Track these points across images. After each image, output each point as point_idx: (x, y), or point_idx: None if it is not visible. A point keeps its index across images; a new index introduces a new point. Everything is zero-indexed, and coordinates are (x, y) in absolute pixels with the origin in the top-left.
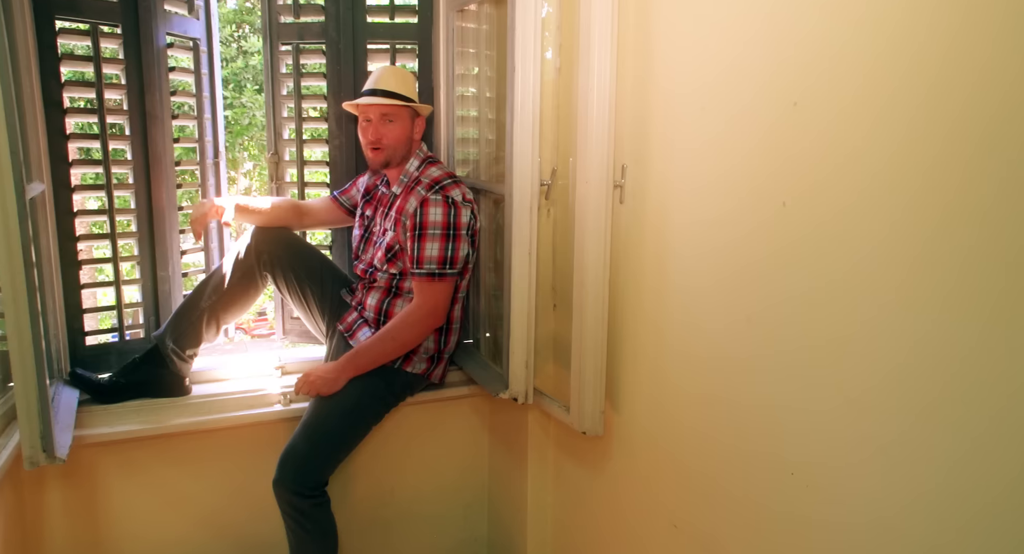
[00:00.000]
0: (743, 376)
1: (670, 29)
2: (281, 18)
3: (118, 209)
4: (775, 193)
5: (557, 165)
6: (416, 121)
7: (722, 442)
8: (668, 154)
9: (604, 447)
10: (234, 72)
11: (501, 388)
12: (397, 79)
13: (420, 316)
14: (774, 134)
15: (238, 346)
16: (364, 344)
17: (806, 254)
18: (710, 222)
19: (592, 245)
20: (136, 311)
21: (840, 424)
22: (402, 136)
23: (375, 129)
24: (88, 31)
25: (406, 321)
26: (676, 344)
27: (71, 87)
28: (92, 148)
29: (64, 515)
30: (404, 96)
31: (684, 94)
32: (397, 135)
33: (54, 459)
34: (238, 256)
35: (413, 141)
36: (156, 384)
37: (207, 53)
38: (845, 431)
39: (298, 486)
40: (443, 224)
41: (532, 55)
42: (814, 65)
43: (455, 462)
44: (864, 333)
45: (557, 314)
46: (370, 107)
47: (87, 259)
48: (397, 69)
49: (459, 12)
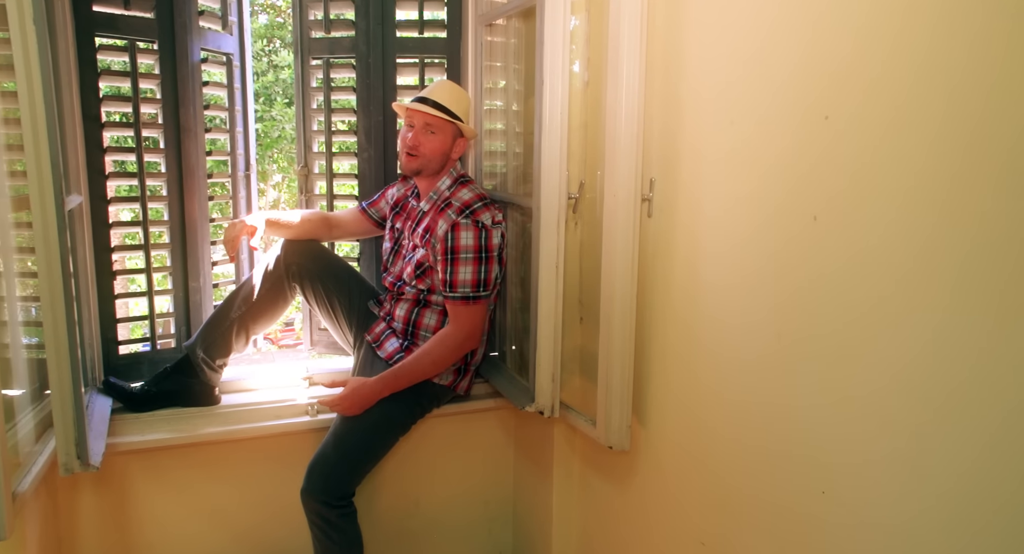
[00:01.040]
0: (771, 395)
1: (699, 42)
2: (312, 33)
3: (151, 221)
4: (806, 207)
5: (585, 178)
6: (458, 141)
7: (750, 460)
8: (697, 168)
9: (630, 462)
10: (264, 86)
11: (527, 401)
12: (450, 95)
13: (459, 340)
14: (805, 148)
15: (265, 356)
16: (401, 365)
17: (838, 268)
18: (739, 236)
19: (620, 259)
20: (168, 321)
21: (875, 444)
22: (439, 149)
23: (416, 135)
24: (126, 47)
25: (444, 344)
26: (704, 359)
27: (108, 101)
28: (127, 161)
29: (96, 520)
30: (452, 112)
31: (713, 108)
32: (434, 147)
33: (88, 466)
34: (267, 268)
35: (449, 159)
36: (186, 393)
37: (240, 68)
38: (880, 451)
39: (326, 496)
40: (475, 248)
41: (560, 69)
42: (846, 79)
43: (480, 475)
44: (901, 350)
45: (584, 327)
46: (416, 113)
47: (121, 270)
48: (455, 86)
49: (487, 26)
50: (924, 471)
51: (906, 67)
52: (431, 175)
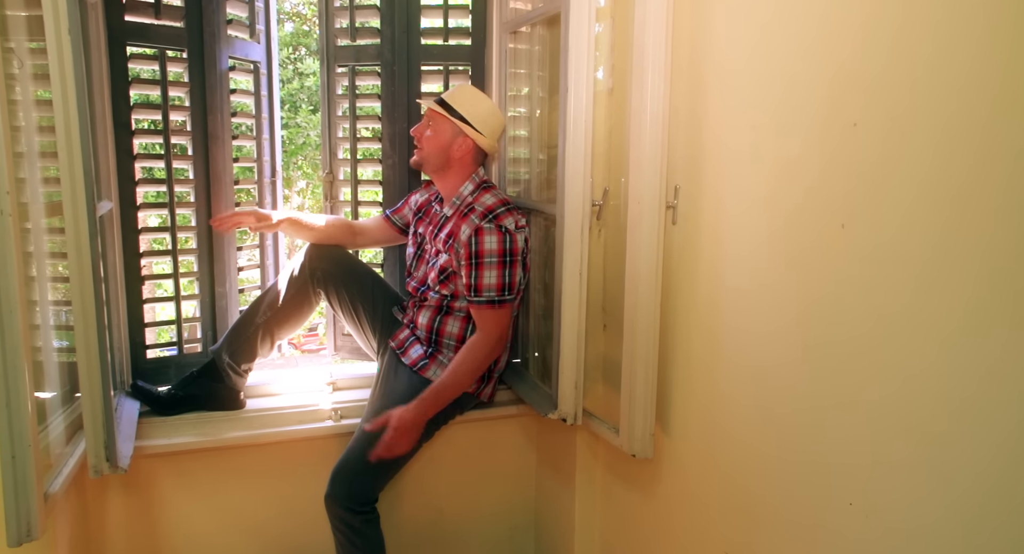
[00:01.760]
0: (796, 402)
1: (725, 49)
2: (338, 41)
3: (179, 226)
4: (834, 214)
5: (609, 185)
6: (458, 139)
7: (776, 470)
8: (722, 175)
9: (654, 470)
10: (290, 93)
11: (550, 408)
12: (461, 95)
13: (489, 346)
14: (833, 155)
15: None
16: (438, 383)
17: (866, 277)
18: (764, 243)
19: (644, 266)
20: (194, 326)
21: (903, 453)
22: (436, 146)
23: (418, 128)
24: (156, 56)
25: (474, 354)
26: (728, 367)
27: (139, 109)
28: (155, 167)
29: (124, 522)
30: (454, 110)
31: (739, 115)
32: (432, 143)
33: (117, 469)
34: (292, 273)
35: (449, 156)
36: (212, 397)
37: (267, 75)
38: (908, 461)
39: (349, 502)
40: (499, 252)
41: (585, 75)
42: (875, 85)
43: (503, 481)
44: (924, 356)
45: (607, 335)
46: (428, 109)
47: (149, 275)
48: (472, 91)
49: (512, 34)
50: (948, 477)
51: (937, 73)
52: (434, 171)
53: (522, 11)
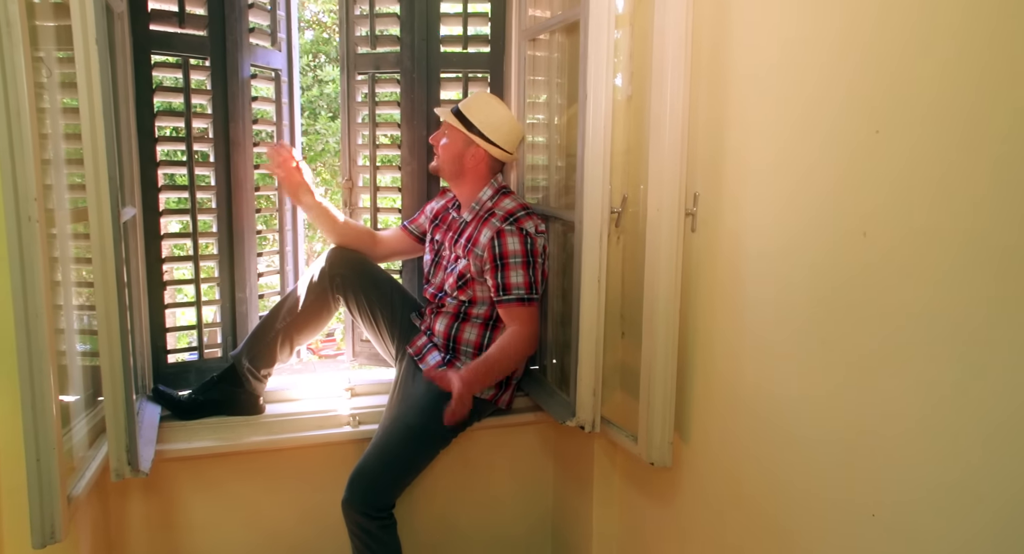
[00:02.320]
0: (820, 411)
1: (745, 56)
2: (358, 49)
3: (200, 232)
4: (856, 223)
5: (628, 192)
6: (470, 149)
7: (798, 479)
8: (742, 183)
9: (672, 479)
10: (309, 100)
11: (568, 416)
12: (475, 104)
13: (527, 337)
14: (855, 163)
15: (306, 366)
16: (486, 362)
17: (888, 286)
18: (786, 252)
19: (664, 273)
20: (214, 331)
21: (925, 464)
22: (449, 154)
23: (435, 136)
24: (179, 64)
25: (517, 341)
26: (749, 376)
27: (162, 116)
28: (176, 174)
29: (144, 525)
30: (467, 120)
31: (760, 122)
32: (446, 152)
33: (138, 472)
34: (312, 279)
35: (462, 164)
36: (232, 402)
37: (287, 83)
38: (930, 472)
39: (366, 507)
40: (522, 252)
41: (604, 83)
42: (897, 93)
43: (520, 489)
44: (950, 366)
45: (625, 342)
46: (444, 116)
47: (171, 280)
48: (488, 99)
49: (531, 41)
50: (975, 490)
51: (960, 80)
52: (450, 178)
53: (541, 19)
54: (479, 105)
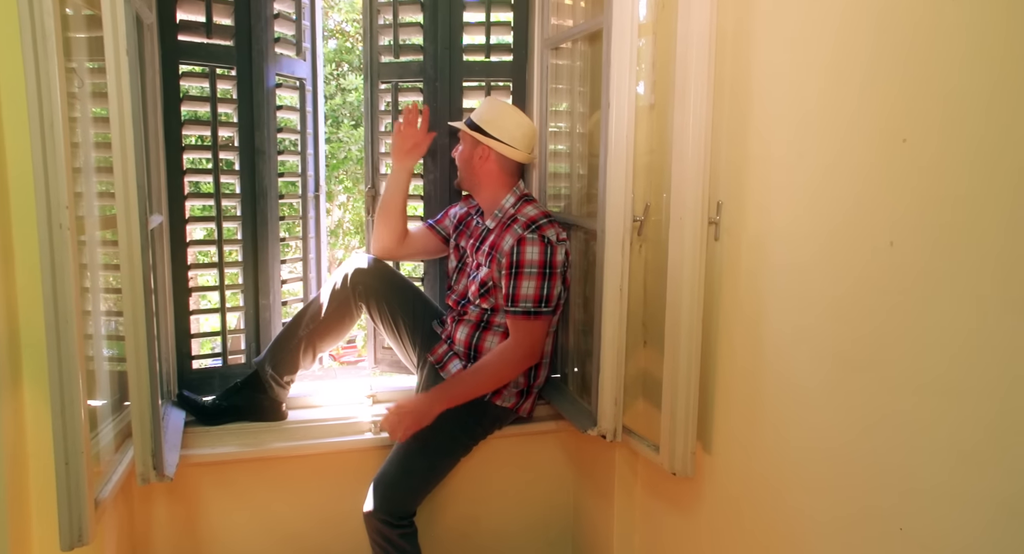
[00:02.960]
0: (845, 423)
1: (769, 63)
2: (382, 58)
3: (225, 240)
4: (882, 232)
5: (650, 201)
6: (477, 150)
7: (823, 492)
8: (766, 191)
9: (695, 489)
10: (332, 108)
11: (589, 424)
12: (481, 108)
13: (519, 355)
14: (881, 172)
15: (328, 372)
16: (458, 377)
17: (915, 296)
18: (810, 261)
19: (687, 282)
20: (238, 337)
21: (953, 478)
22: (461, 161)
23: (454, 150)
24: (206, 73)
25: (503, 358)
26: (772, 387)
27: (188, 125)
28: (201, 182)
29: (168, 529)
30: (473, 123)
31: (784, 129)
32: (461, 158)
33: (163, 477)
34: (334, 286)
35: (474, 168)
36: (255, 408)
37: (312, 92)
38: (959, 486)
39: (387, 515)
40: (539, 263)
41: (626, 91)
42: (924, 101)
43: (540, 497)
44: (980, 383)
45: (647, 351)
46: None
47: (196, 287)
48: (490, 102)
49: (553, 50)
50: (1010, 506)
51: (988, 88)
52: (475, 189)
53: (564, 27)
54: (483, 108)
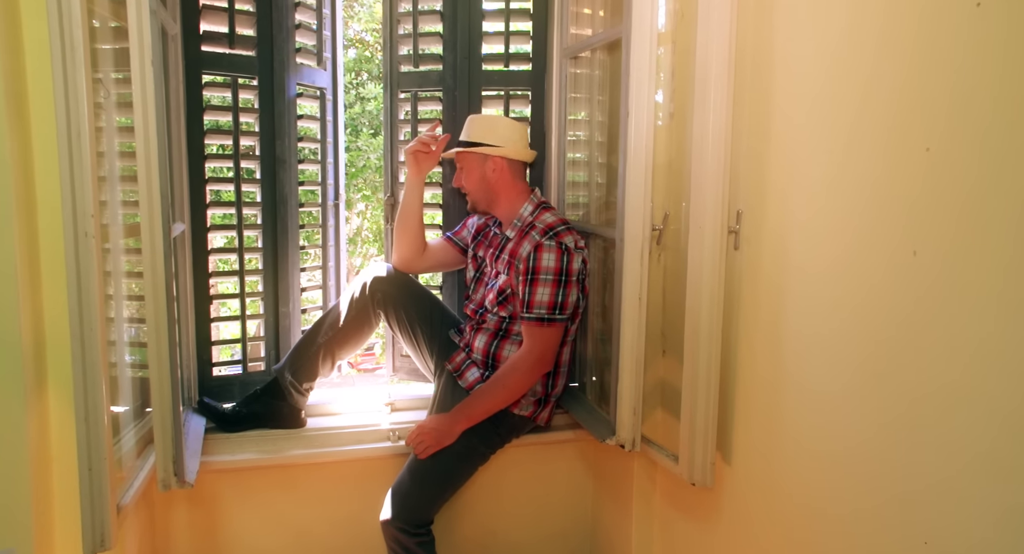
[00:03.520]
0: (867, 435)
1: (790, 71)
2: (401, 68)
3: (246, 248)
4: (905, 242)
5: (669, 210)
6: (487, 163)
7: (844, 504)
8: (786, 200)
9: (714, 500)
10: (351, 117)
11: (608, 434)
12: (476, 126)
13: (531, 362)
14: (904, 180)
15: (345, 380)
16: (476, 394)
17: (940, 306)
18: (832, 271)
19: (706, 292)
20: (258, 344)
21: (979, 491)
22: (474, 181)
23: (456, 179)
24: (228, 83)
25: (516, 367)
26: (793, 397)
27: (210, 135)
28: (222, 190)
29: (188, 535)
30: (468, 142)
31: (805, 138)
32: (471, 180)
33: (184, 484)
34: (353, 295)
35: (489, 182)
36: (275, 415)
37: (332, 101)
38: (984, 499)
39: (404, 523)
40: (555, 270)
41: (646, 100)
42: (948, 109)
43: (558, 507)
44: (1009, 391)
45: (666, 360)
46: (454, 157)
47: (217, 294)
48: (475, 117)
49: (572, 59)
50: None
51: (1013, 96)
52: (493, 205)
53: (583, 37)
54: (470, 127)
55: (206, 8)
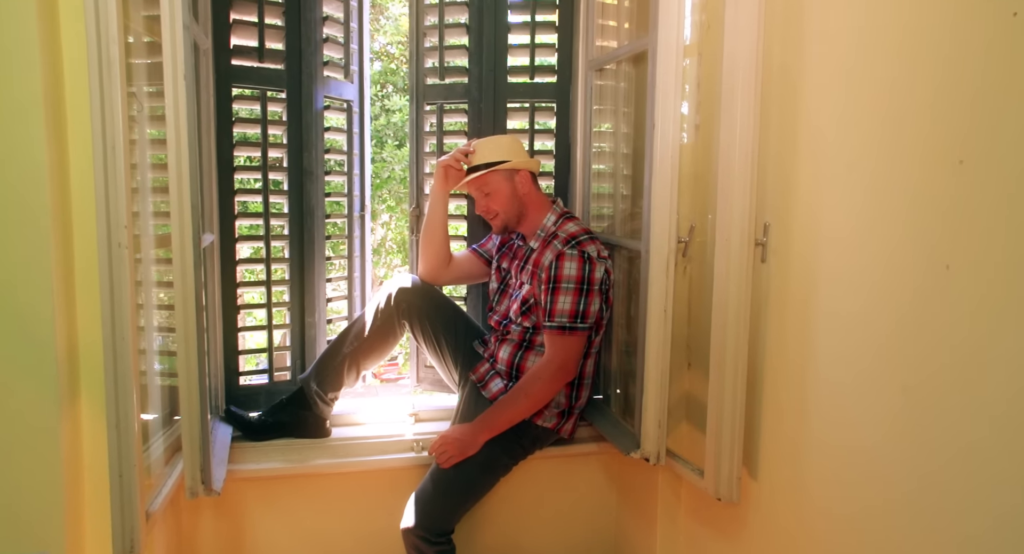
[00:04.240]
0: (897, 452)
1: (818, 81)
2: (427, 80)
3: (273, 258)
4: (937, 256)
5: (695, 222)
6: (516, 178)
7: (873, 522)
8: (815, 212)
9: (740, 516)
10: (376, 129)
11: (632, 447)
12: (484, 149)
13: (552, 371)
14: (936, 193)
15: (369, 390)
16: (498, 404)
17: (974, 321)
18: (862, 285)
19: (733, 305)
20: (284, 354)
21: (1013, 508)
22: (505, 200)
23: (479, 204)
24: (257, 96)
25: (538, 376)
26: (821, 411)
27: (239, 147)
28: (250, 201)
29: (214, 543)
30: (488, 163)
31: (834, 150)
32: (501, 201)
33: (211, 492)
34: (379, 305)
35: (520, 197)
36: (300, 425)
37: (359, 113)
38: (1019, 515)
39: (425, 533)
40: (577, 278)
41: (672, 112)
42: (982, 121)
43: (581, 520)
44: None
45: (691, 373)
46: (470, 187)
47: (244, 304)
48: (488, 138)
49: (598, 71)
50: None
51: None
52: (520, 222)
53: (608, 49)
54: (487, 147)
55: (237, 23)
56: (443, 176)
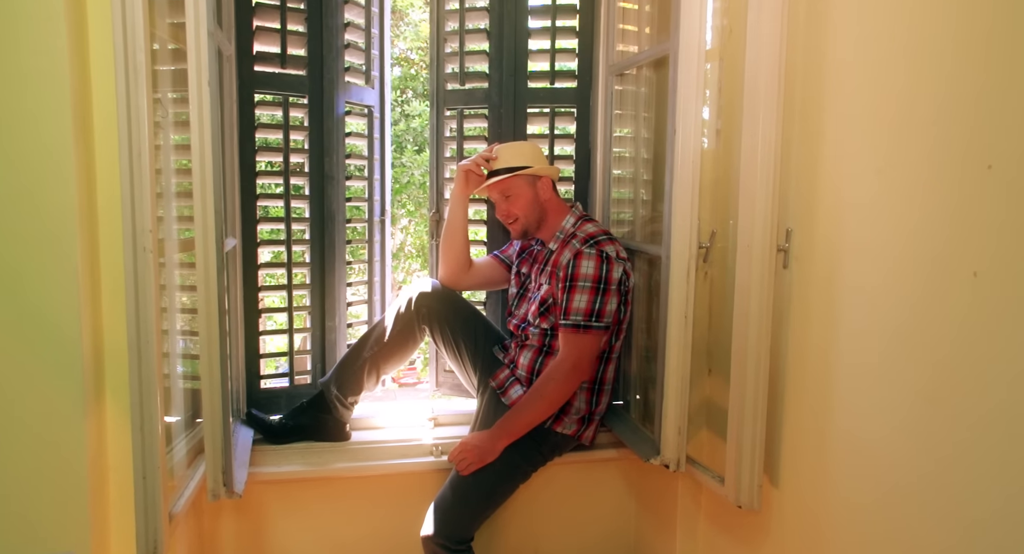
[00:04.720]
0: (920, 462)
1: (842, 85)
2: (448, 85)
3: (294, 262)
4: (964, 262)
5: (716, 227)
6: (538, 184)
7: (898, 534)
8: (837, 218)
9: (762, 524)
10: (396, 134)
11: (652, 453)
12: (507, 154)
13: (565, 370)
14: (964, 199)
15: (387, 394)
16: (515, 409)
17: (1000, 329)
18: (886, 292)
19: (754, 311)
20: (304, 358)
21: None
22: (527, 205)
23: (500, 209)
24: (279, 102)
25: (551, 376)
26: (844, 419)
27: (261, 152)
28: (271, 206)
29: (235, 545)
30: (511, 167)
31: (857, 155)
32: (522, 206)
33: (233, 494)
34: (399, 310)
35: (540, 203)
36: (320, 428)
37: (379, 119)
38: None
39: (444, 539)
40: (594, 277)
41: (693, 117)
42: (1012, 126)
43: (600, 526)
44: None
45: (712, 379)
46: (490, 192)
47: (265, 308)
48: (510, 144)
49: (618, 76)
50: None
51: None
52: (542, 225)
53: (629, 54)
54: (508, 152)
55: (260, 30)
56: (464, 180)
